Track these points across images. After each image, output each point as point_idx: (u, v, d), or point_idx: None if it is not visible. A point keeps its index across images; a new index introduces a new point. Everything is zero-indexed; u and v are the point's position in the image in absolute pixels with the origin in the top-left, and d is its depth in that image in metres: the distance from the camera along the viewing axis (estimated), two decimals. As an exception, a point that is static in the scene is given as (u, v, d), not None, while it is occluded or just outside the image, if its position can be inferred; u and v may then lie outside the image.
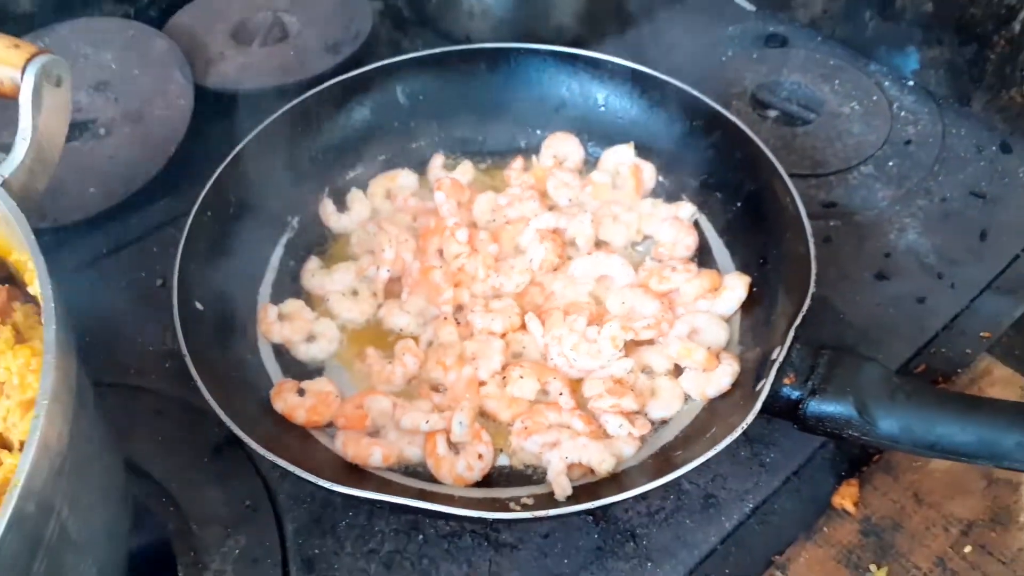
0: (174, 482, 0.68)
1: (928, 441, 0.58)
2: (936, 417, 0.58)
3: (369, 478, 0.65)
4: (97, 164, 0.88)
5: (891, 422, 0.59)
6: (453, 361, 0.70)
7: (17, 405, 0.53)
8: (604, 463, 0.63)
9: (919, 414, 0.58)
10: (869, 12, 0.98)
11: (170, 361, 0.75)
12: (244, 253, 0.77)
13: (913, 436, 0.58)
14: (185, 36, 1.00)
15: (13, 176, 0.57)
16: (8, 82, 0.58)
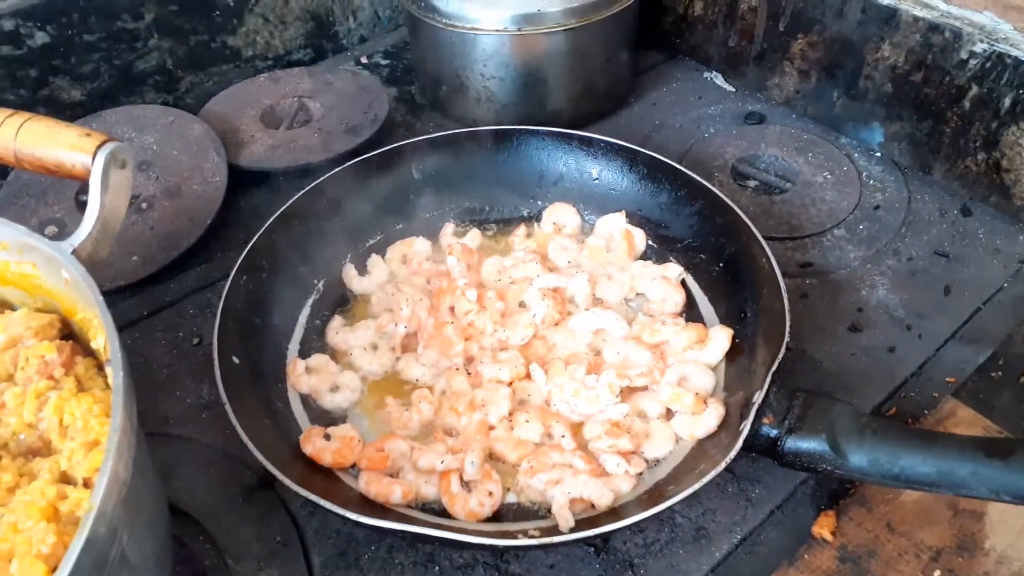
0: (211, 521, 0.74)
1: (893, 473, 0.64)
2: (900, 451, 0.64)
3: (390, 514, 0.71)
4: (139, 235, 0.96)
5: (860, 456, 0.65)
6: (465, 407, 0.77)
7: (80, 446, 0.60)
8: (604, 498, 0.70)
9: (885, 448, 0.65)
10: (836, 92, 1.08)
11: (206, 412, 0.82)
12: (275, 313, 0.85)
13: (880, 468, 0.64)
14: (219, 121, 1.10)
15: (81, 246, 0.65)
16: (80, 166, 0.66)
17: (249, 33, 1.19)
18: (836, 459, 0.65)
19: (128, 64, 1.09)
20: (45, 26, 1.00)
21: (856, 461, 0.65)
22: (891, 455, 0.64)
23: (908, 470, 0.64)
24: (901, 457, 0.64)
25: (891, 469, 0.64)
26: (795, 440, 0.66)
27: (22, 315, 0.67)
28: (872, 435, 0.65)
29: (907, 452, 0.64)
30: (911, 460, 0.64)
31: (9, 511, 0.56)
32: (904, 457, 0.64)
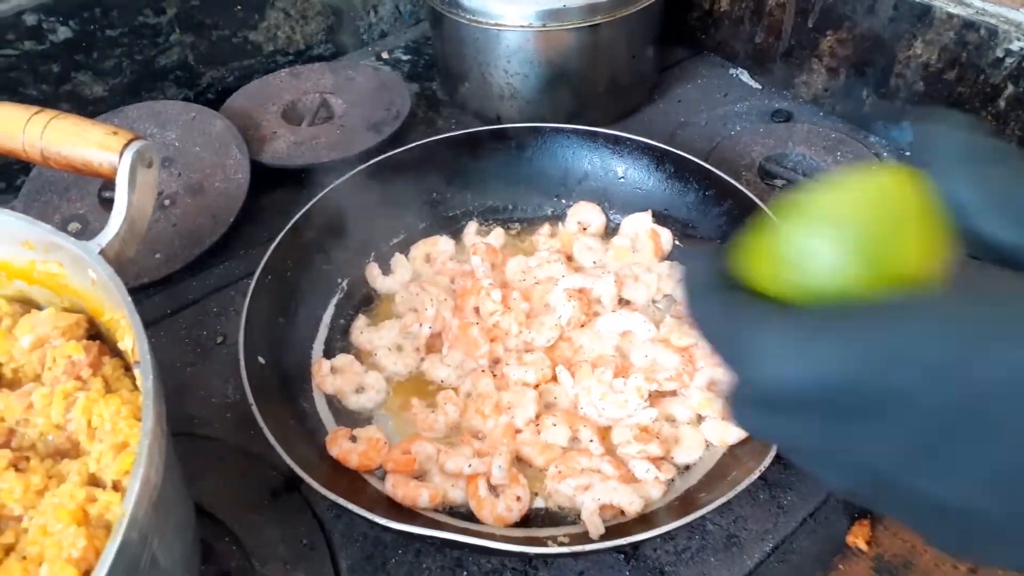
0: (236, 523, 0.74)
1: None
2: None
3: (417, 517, 0.70)
4: (162, 232, 0.96)
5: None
6: (491, 410, 0.76)
7: (109, 448, 0.59)
8: (633, 504, 0.69)
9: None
10: (866, 90, 1.06)
11: (231, 412, 0.81)
12: (300, 312, 0.85)
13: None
14: (240, 117, 1.09)
15: (109, 246, 0.65)
16: (107, 165, 0.66)
17: (270, 28, 1.18)
18: (872, 467, 0.64)
19: (150, 59, 1.08)
20: (68, 21, 0.99)
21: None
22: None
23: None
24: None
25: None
26: (830, 447, 0.65)
27: (49, 315, 0.66)
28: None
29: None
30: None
31: (38, 513, 0.55)
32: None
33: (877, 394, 0.26)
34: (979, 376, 0.25)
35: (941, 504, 0.28)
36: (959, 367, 0.25)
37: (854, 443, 0.28)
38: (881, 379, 0.26)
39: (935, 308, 0.26)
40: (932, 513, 0.28)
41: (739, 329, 0.29)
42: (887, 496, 0.29)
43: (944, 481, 0.27)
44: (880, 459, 0.28)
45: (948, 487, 0.27)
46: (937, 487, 0.27)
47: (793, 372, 0.27)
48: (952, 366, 0.25)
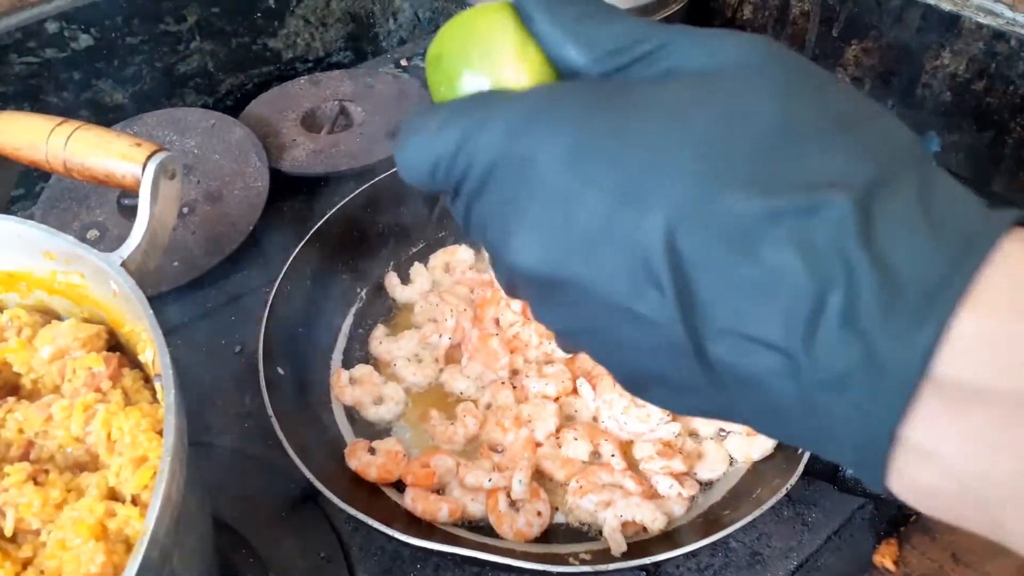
0: (254, 535, 0.73)
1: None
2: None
3: (436, 532, 0.69)
4: (181, 240, 0.96)
5: (926, 484, 0.63)
6: (511, 423, 0.76)
7: (129, 462, 0.59)
8: (656, 521, 0.68)
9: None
10: (891, 100, 1.04)
11: (249, 422, 0.81)
12: (319, 322, 0.84)
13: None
14: (259, 124, 1.09)
15: (131, 258, 0.64)
16: (130, 176, 0.65)
17: (290, 35, 1.18)
18: (901, 487, 0.63)
19: (169, 67, 1.08)
20: (89, 29, 0.99)
21: (922, 490, 0.63)
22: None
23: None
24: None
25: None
26: (857, 466, 0.64)
27: (69, 326, 0.66)
28: (940, 463, 0.63)
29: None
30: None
31: (57, 528, 0.55)
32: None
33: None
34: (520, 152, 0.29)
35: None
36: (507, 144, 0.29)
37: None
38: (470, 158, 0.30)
39: (504, 100, 0.30)
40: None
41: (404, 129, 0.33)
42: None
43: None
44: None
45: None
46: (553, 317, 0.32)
47: (414, 156, 0.32)
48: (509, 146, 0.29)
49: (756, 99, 0.27)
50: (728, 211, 0.25)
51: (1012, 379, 0.22)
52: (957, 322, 0.22)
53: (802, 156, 0.25)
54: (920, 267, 0.23)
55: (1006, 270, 0.23)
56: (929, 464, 0.23)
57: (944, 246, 0.23)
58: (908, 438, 0.23)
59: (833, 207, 0.24)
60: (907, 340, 0.22)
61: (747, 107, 0.27)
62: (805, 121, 0.26)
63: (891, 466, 0.24)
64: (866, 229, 0.23)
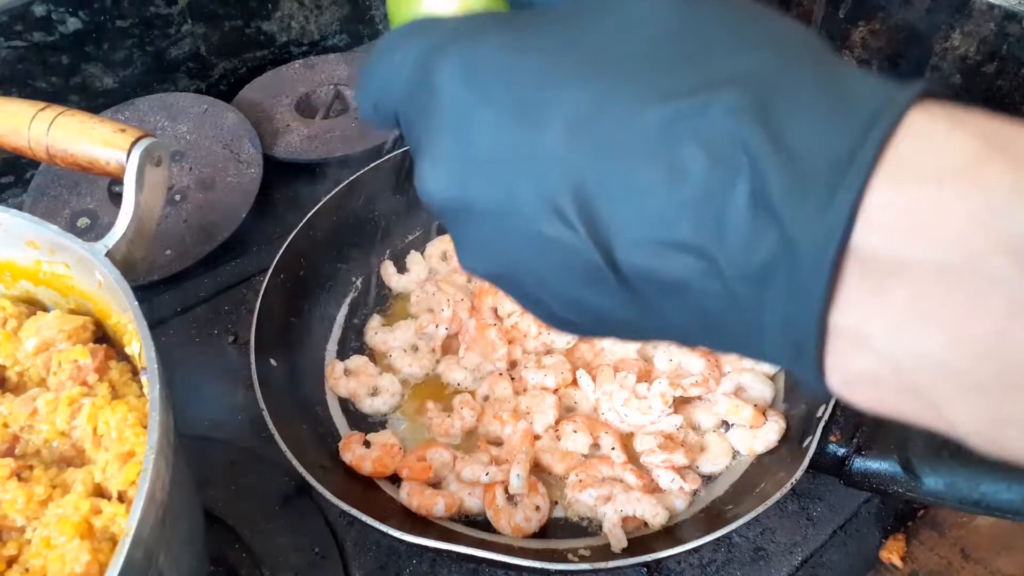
0: (247, 530, 0.72)
1: (973, 499, 0.60)
2: (981, 475, 0.60)
3: (432, 527, 0.68)
4: (173, 228, 0.94)
5: (936, 479, 0.61)
6: (508, 415, 0.74)
7: (115, 457, 0.57)
8: (657, 516, 0.66)
9: (964, 472, 0.60)
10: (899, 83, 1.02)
11: (242, 414, 0.79)
12: (313, 312, 0.83)
13: (958, 493, 0.60)
14: (253, 109, 1.07)
15: (115, 247, 0.63)
16: (115, 163, 0.63)
17: (284, 18, 1.15)
18: (909, 481, 0.61)
19: (161, 50, 1.06)
20: (77, 12, 0.97)
21: (931, 484, 0.61)
22: (971, 479, 0.60)
23: (990, 496, 0.59)
24: (982, 482, 0.59)
25: (971, 495, 0.60)
26: (864, 460, 0.62)
27: (55, 317, 0.64)
28: (949, 457, 0.61)
29: (989, 477, 0.59)
30: (994, 486, 0.59)
31: (42, 525, 0.54)
32: (986, 482, 0.59)
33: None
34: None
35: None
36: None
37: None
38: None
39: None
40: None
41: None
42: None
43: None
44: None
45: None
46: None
47: (361, 92, 0.32)
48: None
49: (650, 6, 0.26)
50: (624, 118, 0.24)
51: (932, 249, 0.20)
52: (870, 194, 0.21)
53: (697, 59, 0.25)
54: (825, 143, 0.22)
55: (916, 138, 0.21)
56: (862, 349, 0.22)
57: (849, 120, 0.22)
58: (837, 324, 0.22)
59: (728, 100, 0.23)
60: (820, 218, 0.21)
61: (641, 14, 0.26)
62: (699, 25, 0.26)
63: (827, 359, 0.23)
64: (764, 116, 0.22)
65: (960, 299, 0.20)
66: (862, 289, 0.21)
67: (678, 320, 0.26)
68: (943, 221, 0.20)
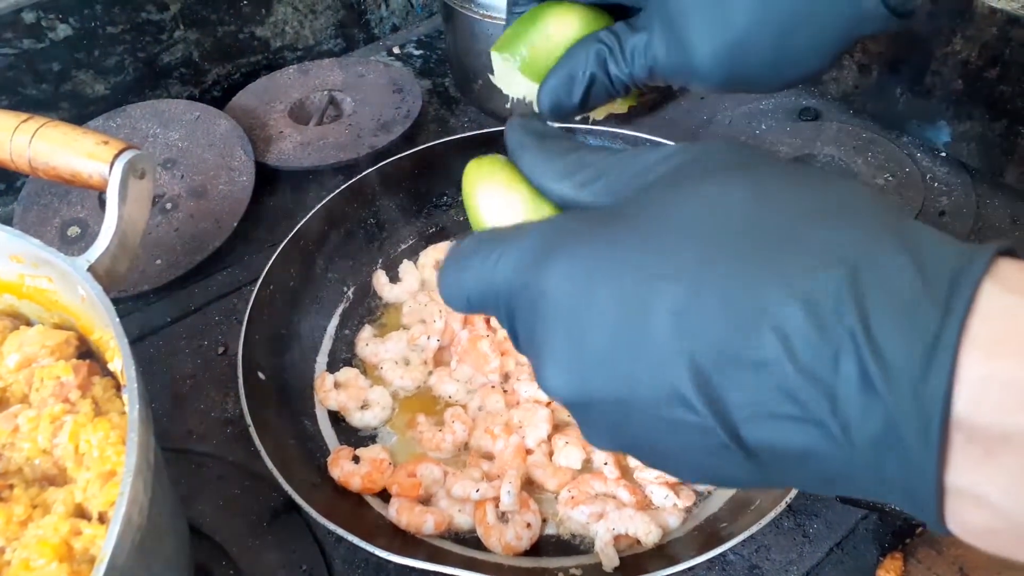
0: (234, 546, 0.71)
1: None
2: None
3: (421, 545, 0.67)
4: (163, 237, 0.93)
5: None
6: (500, 430, 0.73)
7: (96, 477, 0.56)
8: (651, 534, 0.65)
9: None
10: (900, 88, 1.00)
11: (231, 427, 0.78)
12: (303, 323, 0.82)
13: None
14: (246, 116, 1.06)
15: (98, 262, 0.62)
16: (97, 176, 0.63)
17: (277, 23, 1.14)
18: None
19: (153, 57, 1.05)
20: (67, 18, 0.96)
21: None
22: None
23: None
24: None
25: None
26: (861, 477, 0.61)
27: (38, 332, 0.63)
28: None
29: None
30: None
31: (21, 546, 0.53)
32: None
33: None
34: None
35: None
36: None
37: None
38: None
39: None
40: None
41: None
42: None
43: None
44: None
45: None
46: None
47: (447, 292, 0.35)
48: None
49: (720, 188, 0.28)
50: (726, 301, 0.25)
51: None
52: (961, 371, 0.22)
53: (780, 237, 0.26)
54: (912, 325, 0.23)
55: (997, 311, 0.23)
56: (979, 506, 0.23)
57: (932, 293, 0.23)
58: (952, 485, 0.23)
59: (824, 279, 0.24)
60: (917, 401, 0.23)
61: (715, 197, 0.28)
62: (775, 202, 0.27)
63: (947, 514, 0.24)
64: (856, 294, 0.24)
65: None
66: (972, 455, 0.23)
67: (801, 479, 0.28)
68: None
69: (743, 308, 0.25)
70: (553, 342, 0.29)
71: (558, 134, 0.37)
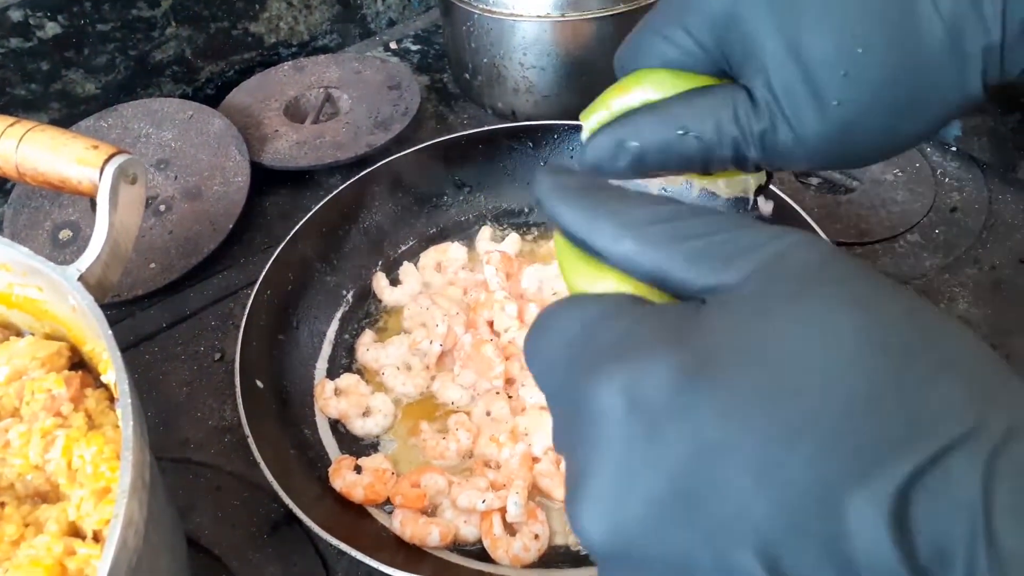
0: (234, 559, 0.69)
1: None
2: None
3: (426, 558, 0.65)
4: (157, 240, 0.91)
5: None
6: (506, 438, 0.71)
7: (90, 494, 0.55)
8: (661, 545, 0.63)
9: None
10: (910, 81, 0.98)
11: (229, 436, 0.76)
12: (302, 328, 0.80)
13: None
14: (240, 114, 1.04)
15: (89, 271, 0.60)
16: (87, 182, 0.60)
17: (272, 19, 1.12)
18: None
19: (144, 54, 1.03)
20: (56, 16, 0.94)
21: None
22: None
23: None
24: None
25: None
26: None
27: (28, 344, 0.61)
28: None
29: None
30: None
31: (14, 567, 0.51)
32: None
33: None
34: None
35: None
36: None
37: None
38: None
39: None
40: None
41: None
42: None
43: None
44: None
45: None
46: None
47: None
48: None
49: (832, 316, 0.23)
50: (818, 472, 0.22)
51: None
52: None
53: (891, 400, 0.22)
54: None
55: None
56: None
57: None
58: None
59: (955, 469, 0.21)
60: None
61: (826, 339, 0.23)
62: (890, 354, 0.23)
63: None
64: (987, 483, 0.20)
65: None
66: None
67: None
68: None
69: (834, 483, 0.22)
70: (598, 475, 0.24)
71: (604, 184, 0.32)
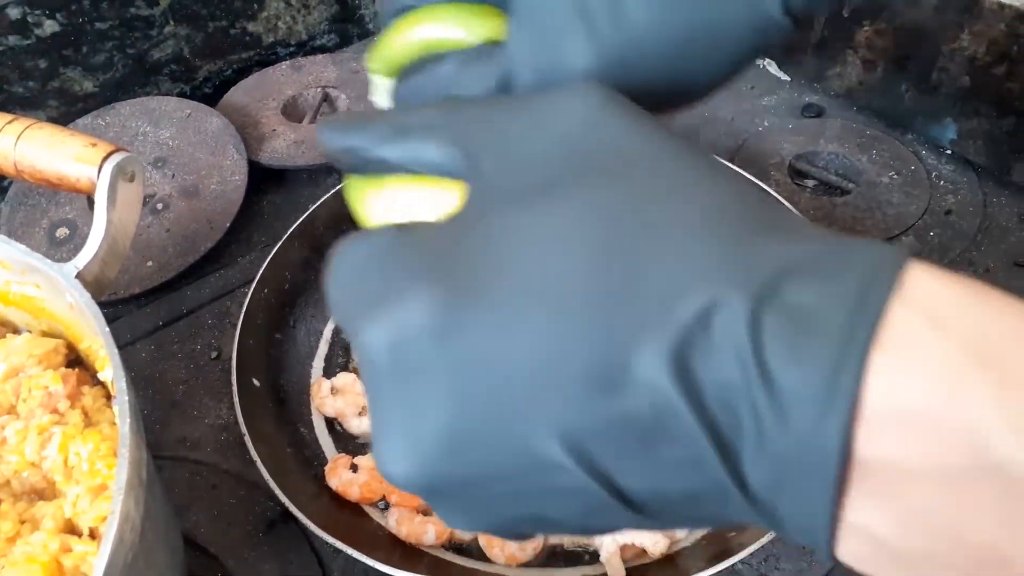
0: (230, 557, 0.69)
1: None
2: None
3: (422, 557, 0.65)
4: (154, 238, 0.91)
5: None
6: (502, 437, 0.71)
7: (86, 491, 0.55)
8: (657, 544, 0.63)
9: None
10: (905, 84, 0.99)
11: (225, 434, 0.76)
12: (299, 327, 0.80)
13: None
14: (238, 113, 1.04)
15: (87, 268, 0.60)
16: (85, 180, 0.60)
17: (270, 18, 1.12)
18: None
19: (142, 53, 1.03)
20: (54, 14, 0.94)
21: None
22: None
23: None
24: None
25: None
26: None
27: (25, 341, 0.61)
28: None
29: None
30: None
31: (10, 564, 0.51)
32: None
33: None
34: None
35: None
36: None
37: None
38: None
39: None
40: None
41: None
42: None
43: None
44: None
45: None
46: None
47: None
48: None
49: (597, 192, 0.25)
50: (592, 353, 0.22)
51: (931, 455, 0.21)
52: (864, 403, 0.21)
53: (645, 283, 0.23)
54: (814, 354, 0.21)
55: (902, 332, 0.21)
56: (867, 542, 0.23)
57: (836, 319, 0.21)
58: (844, 519, 0.23)
59: (724, 311, 0.22)
60: (818, 434, 0.21)
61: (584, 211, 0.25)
62: (655, 211, 0.24)
63: (839, 548, 0.24)
64: (754, 324, 0.21)
65: (955, 511, 0.21)
66: (867, 493, 0.22)
67: (691, 519, 0.27)
68: (934, 440, 0.20)
69: (605, 361, 0.22)
70: (387, 415, 0.25)
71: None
